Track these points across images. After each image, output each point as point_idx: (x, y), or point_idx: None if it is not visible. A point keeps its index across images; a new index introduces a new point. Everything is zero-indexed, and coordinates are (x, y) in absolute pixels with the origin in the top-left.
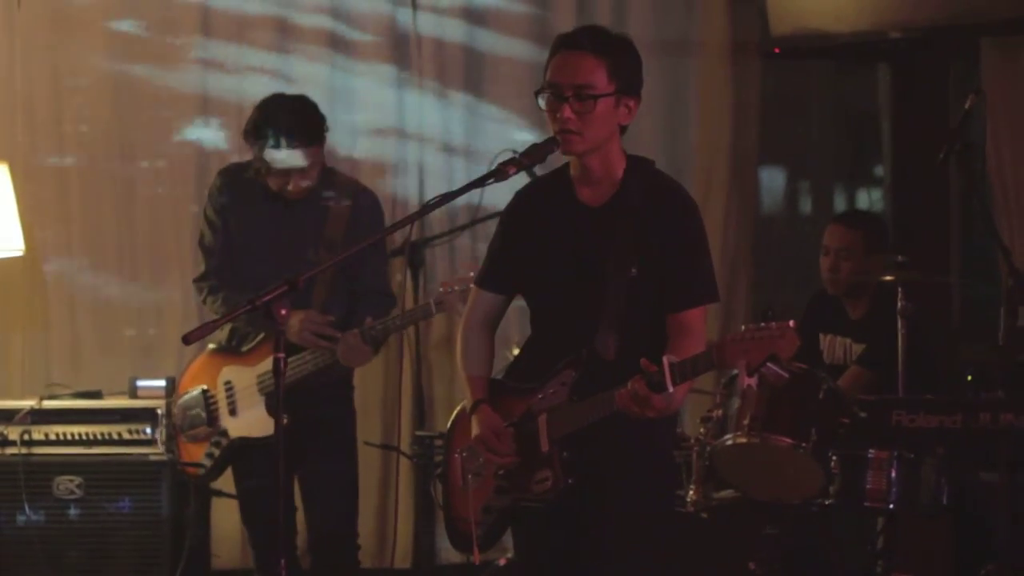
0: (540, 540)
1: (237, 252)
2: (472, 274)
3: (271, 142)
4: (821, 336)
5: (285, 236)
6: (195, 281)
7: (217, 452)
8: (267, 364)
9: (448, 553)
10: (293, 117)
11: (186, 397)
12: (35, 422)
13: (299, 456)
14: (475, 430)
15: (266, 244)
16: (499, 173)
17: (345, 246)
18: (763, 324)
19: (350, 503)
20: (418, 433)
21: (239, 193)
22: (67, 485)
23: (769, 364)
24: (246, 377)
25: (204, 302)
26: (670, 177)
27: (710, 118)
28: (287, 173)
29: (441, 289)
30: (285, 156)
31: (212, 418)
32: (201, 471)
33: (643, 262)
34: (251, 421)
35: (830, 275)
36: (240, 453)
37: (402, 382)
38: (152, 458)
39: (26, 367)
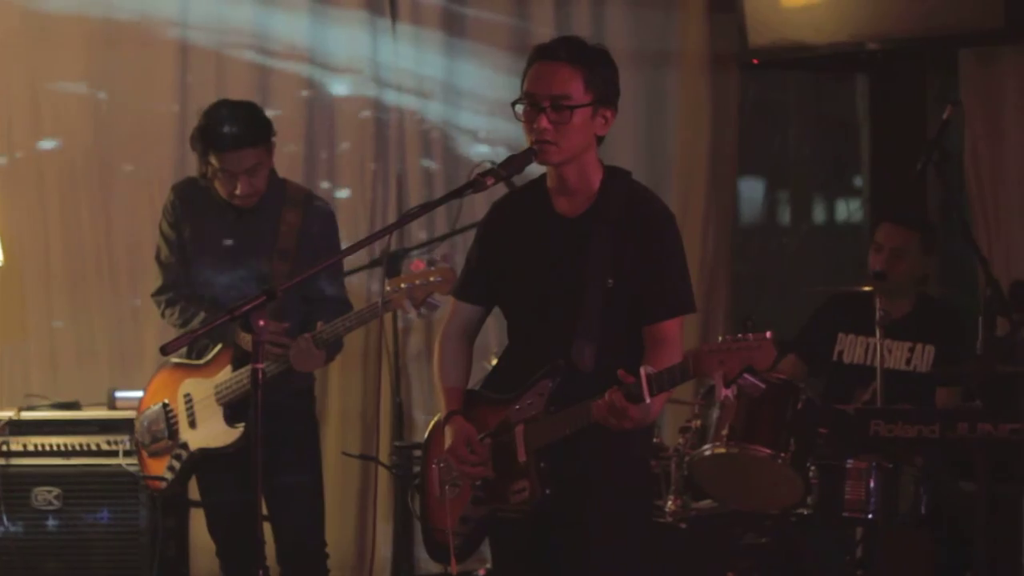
0: (518, 550)
1: (191, 264)
2: (419, 270)
3: (215, 144)
4: (841, 336)
5: (238, 247)
6: (153, 295)
7: (178, 465)
8: (224, 374)
9: (427, 563)
10: (236, 119)
11: (147, 412)
12: (13, 433)
13: (263, 469)
14: (447, 441)
15: (219, 255)
16: (477, 184)
17: (298, 255)
18: (740, 335)
19: (316, 514)
20: (397, 443)
21: (193, 206)
22: (45, 496)
23: (746, 375)
24: (204, 388)
25: (163, 315)
26: (646, 187)
27: (689, 128)
28: (233, 176)
29: (388, 288)
30: (229, 157)
31: (172, 431)
32: (163, 484)
33: (620, 273)
34: (210, 432)
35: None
36: (203, 465)
37: (380, 392)
38: (130, 469)
39: (4, 378)
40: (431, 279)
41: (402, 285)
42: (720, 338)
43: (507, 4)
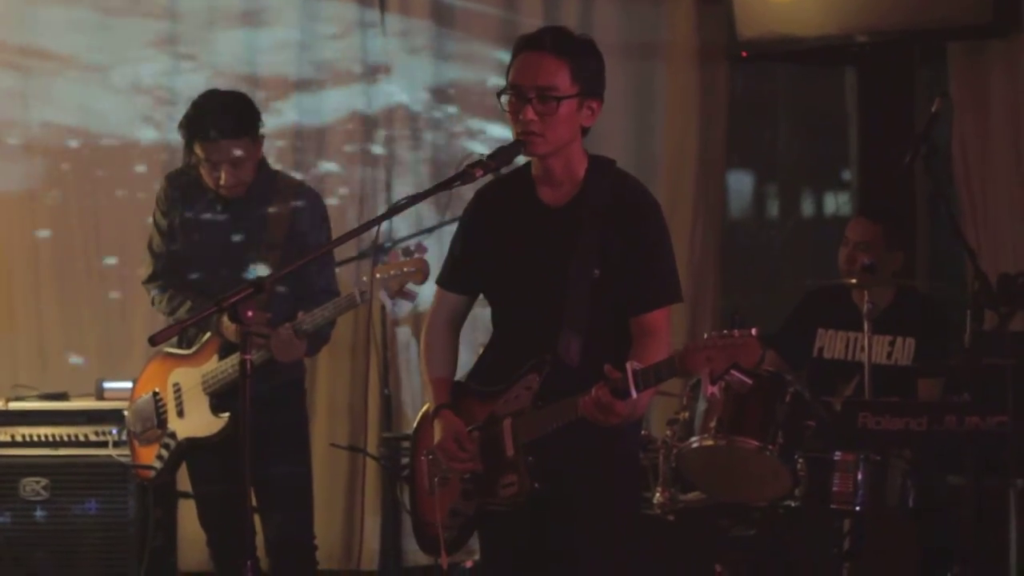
0: (506, 543)
1: (181, 254)
2: (394, 261)
3: (199, 134)
4: (820, 331)
5: (227, 237)
6: (144, 283)
7: (166, 454)
8: (212, 364)
9: (415, 555)
10: (224, 108)
11: (138, 401)
12: (1, 423)
13: (253, 460)
14: (436, 436)
15: (209, 245)
16: (466, 175)
17: (287, 246)
18: (726, 332)
19: (305, 506)
20: (385, 435)
21: (183, 195)
22: (33, 487)
23: (733, 371)
24: (192, 378)
25: (153, 303)
26: (632, 176)
27: (677, 121)
28: (217, 166)
29: (364, 279)
30: (213, 147)
31: (161, 420)
32: (152, 473)
33: (606, 263)
34: (197, 421)
35: (847, 267)
36: (192, 455)
37: (369, 384)
38: (119, 459)
39: None
40: (405, 269)
41: (377, 276)
42: (705, 335)
43: None
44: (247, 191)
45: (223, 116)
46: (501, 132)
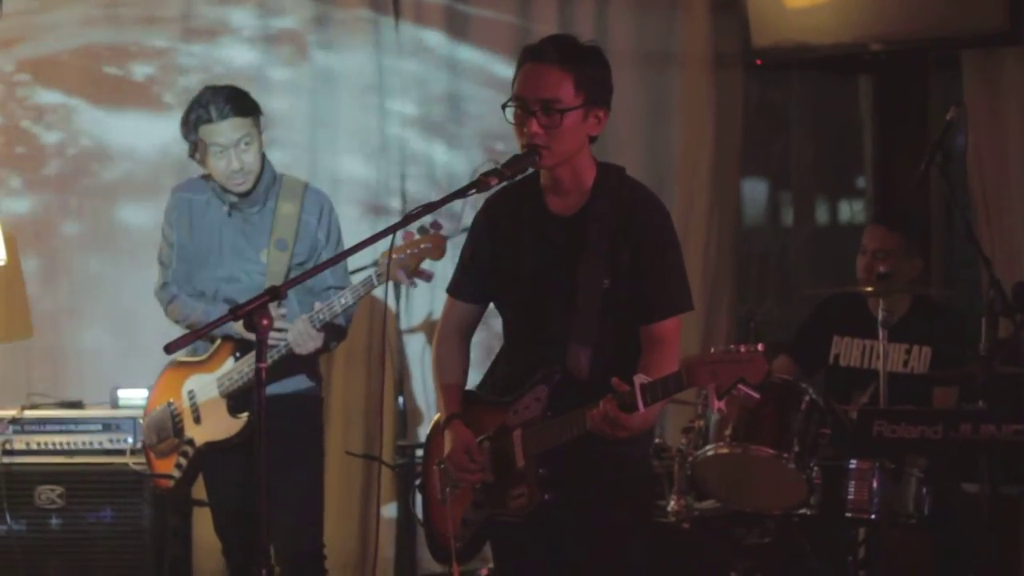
0: (519, 553)
1: (191, 261)
2: (410, 240)
3: (202, 117)
4: (836, 338)
5: (236, 241)
6: (155, 293)
7: (185, 462)
8: (227, 366)
9: (429, 563)
10: (223, 92)
11: (153, 413)
12: (16, 432)
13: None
14: (447, 447)
15: (217, 250)
16: (481, 184)
17: (296, 246)
18: (732, 347)
19: (315, 515)
20: (400, 443)
21: (192, 204)
22: (48, 495)
23: (740, 386)
24: (207, 383)
25: (166, 312)
26: (641, 184)
27: (692, 129)
28: (224, 150)
29: (380, 260)
30: (217, 129)
31: (178, 429)
32: (171, 483)
33: (616, 273)
34: (215, 425)
35: (865, 275)
36: (209, 463)
37: (384, 392)
38: (134, 467)
39: (7, 376)
40: (422, 246)
41: (394, 256)
42: (712, 349)
43: (510, 4)
44: (253, 192)
45: (224, 98)
46: None
